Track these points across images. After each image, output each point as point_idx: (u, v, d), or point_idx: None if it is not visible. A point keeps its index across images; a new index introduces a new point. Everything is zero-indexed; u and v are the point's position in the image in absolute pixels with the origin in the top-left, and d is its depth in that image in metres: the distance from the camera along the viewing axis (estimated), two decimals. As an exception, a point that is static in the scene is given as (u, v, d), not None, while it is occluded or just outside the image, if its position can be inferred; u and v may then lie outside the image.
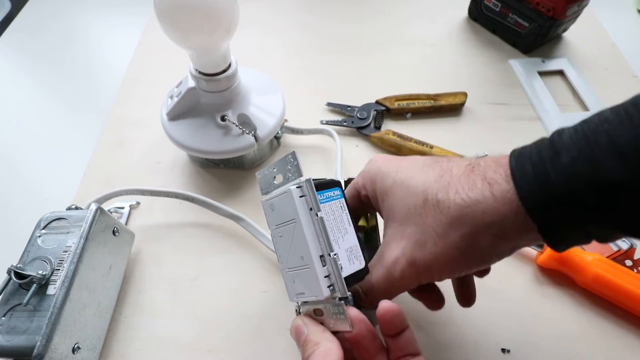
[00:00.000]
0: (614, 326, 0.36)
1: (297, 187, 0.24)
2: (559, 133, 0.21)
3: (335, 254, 0.24)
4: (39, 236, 0.33)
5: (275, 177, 0.27)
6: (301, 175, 0.25)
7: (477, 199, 0.23)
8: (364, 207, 0.31)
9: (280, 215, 0.25)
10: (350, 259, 0.25)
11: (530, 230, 0.22)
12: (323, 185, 0.26)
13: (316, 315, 0.25)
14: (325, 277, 0.24)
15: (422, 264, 0.24)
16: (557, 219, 0.21)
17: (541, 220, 0.21)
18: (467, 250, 0.23)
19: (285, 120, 0.48)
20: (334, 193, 0.26)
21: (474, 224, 0.23)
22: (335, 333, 0.24)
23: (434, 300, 0.30)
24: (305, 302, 0.26)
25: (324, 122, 0.50)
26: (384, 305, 0.24)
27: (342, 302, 0.24)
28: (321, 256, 0.24)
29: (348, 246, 0.26)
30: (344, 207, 0.27)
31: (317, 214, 0.24)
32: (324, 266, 0.24)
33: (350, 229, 0.26)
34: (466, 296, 0.31)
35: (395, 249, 0.26)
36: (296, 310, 0.27)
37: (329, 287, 0.23)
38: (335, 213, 0.26)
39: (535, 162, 0.21)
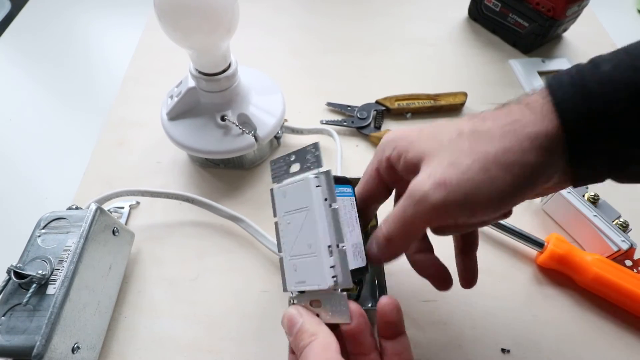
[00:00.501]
0: (614, 326, 0.36)
1: (314, 177, 0.25)
2: (599, 56, 0.21)
3: (343, 246, 0.24)
4: (39, 236, 0.33)
5: (291, 165, 0.27)
6: (321, 166, 0.25)
7: (516, 118, 0.21)
8: (384, 186, 0.28)
9: (292, 202, 0.26)
10: (355, 255, 0.26)
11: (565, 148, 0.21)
12: (337, 179, 0.26)
13: (312, 307, 0.25)
14: (330, 267, 0.24)
15: (455, 183, 0.21)
16: (589, 127, 0.20)
17: (573, 127, 0.20)
18: (511, 166, 0.21)
19: (285, 120, 0.48)
20: (346, 190, 0.27)
21: (516, 137, 0.21)
22: (331, 327, 0.24)
23: (442, 277, 0.28)
24: (301, 293, 0.26)
25: (324, 122, 0.50)
26: (385, 299, 0.24)
27: (345, 293, 0.24)
28: (329, 246, 0.24)
29: (354, 242, 0.26)
30: (354, 205, 0.27)
31: (331, 205, 0.24)
32: (330, 256, 0.24)
33: (357, 227, 0.27)
34: (469, 274, 0.30)
35: (421, 175, 0.23)
36: (290, 300, 0.27)
37: (332, 277, 0.24)
38: (346, 209, 0.26)
39: (572, 74, 0.21)
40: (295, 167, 0.27)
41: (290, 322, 0.25)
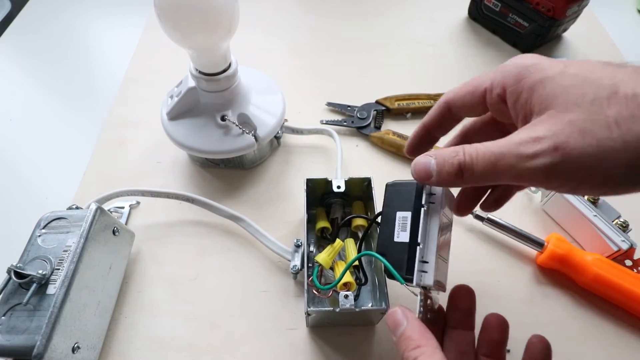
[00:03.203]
0: (614, 326, 0.36)
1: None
2: None
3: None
4: (39, 236, 0.33)
5: None
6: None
7: None
8: (481, 108, 0.26)
9: (447, 209, 0.28)
10: None
11: None
12: None
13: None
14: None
15: (576, 155, 0.18)
16: None
17: None
18: None
19: (286, 120, 0.48)
20: None
21: None
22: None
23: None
24: (424, 289, 0.26)
25: (324, 122, 0.50)
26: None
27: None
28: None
29: None
30: None
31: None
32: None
33: None
34: (495, 203, 0.30)
35: (541, 130, 0.20)
36: (420, 295, 0.26)
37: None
38: None
39: None
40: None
41: (394, 322, 0.24)
